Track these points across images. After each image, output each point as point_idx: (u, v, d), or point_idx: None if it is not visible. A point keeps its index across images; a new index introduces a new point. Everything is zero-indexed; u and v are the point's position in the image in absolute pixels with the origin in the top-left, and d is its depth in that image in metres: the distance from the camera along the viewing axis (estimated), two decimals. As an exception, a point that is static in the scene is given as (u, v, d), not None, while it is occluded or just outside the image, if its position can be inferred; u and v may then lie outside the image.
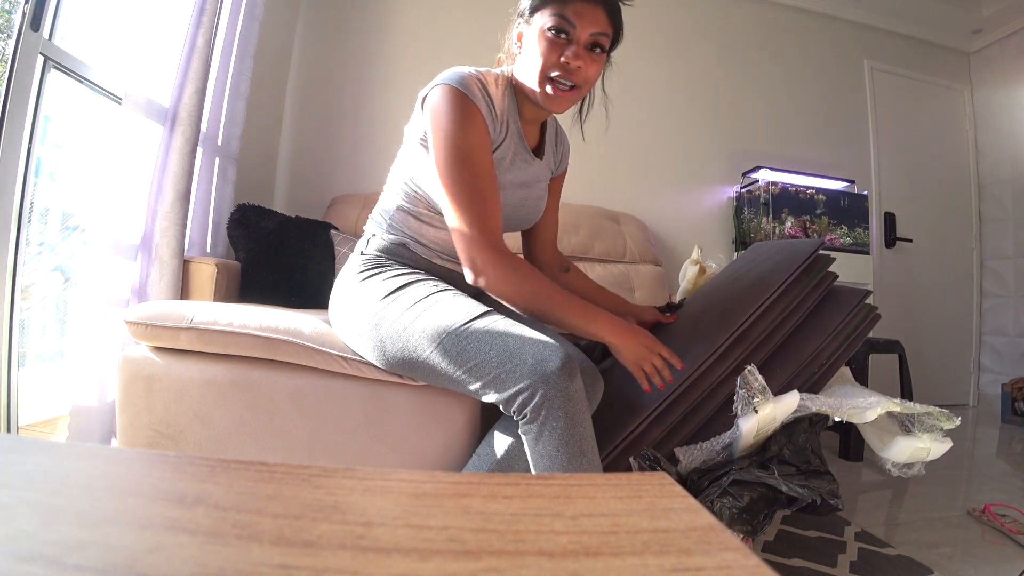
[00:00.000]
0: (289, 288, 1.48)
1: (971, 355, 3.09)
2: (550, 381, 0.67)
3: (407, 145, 0.89)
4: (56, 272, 1.28)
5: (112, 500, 0.21)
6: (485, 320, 0.74)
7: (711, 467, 0.90)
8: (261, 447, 0.91)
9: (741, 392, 0.84)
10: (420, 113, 0.84)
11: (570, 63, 0.77)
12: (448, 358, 0.74)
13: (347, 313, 0.87)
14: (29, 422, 1.15)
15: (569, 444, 0.68)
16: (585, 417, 0.70)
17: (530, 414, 0.69)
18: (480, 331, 0.73)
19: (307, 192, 2.16)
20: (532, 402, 0.68)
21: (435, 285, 0.83)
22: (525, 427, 0.71)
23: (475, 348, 0.72)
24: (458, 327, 0.74)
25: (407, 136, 0.90)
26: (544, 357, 0.69)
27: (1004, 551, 1.10)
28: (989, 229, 3.14)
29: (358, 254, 0.93)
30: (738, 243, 2.61)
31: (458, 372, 0.74)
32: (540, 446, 0.70)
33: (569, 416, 0.68)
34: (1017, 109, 2.99)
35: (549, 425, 0.68)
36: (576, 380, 0.70)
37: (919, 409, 0.91)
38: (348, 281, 0.90)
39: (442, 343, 0.74)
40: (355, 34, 2.27)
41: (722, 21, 2.78)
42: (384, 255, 0.91)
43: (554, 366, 0.68)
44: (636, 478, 0.26)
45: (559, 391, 0.68)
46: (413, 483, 0.24)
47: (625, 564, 0.18)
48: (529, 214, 0.98)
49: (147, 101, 1.23)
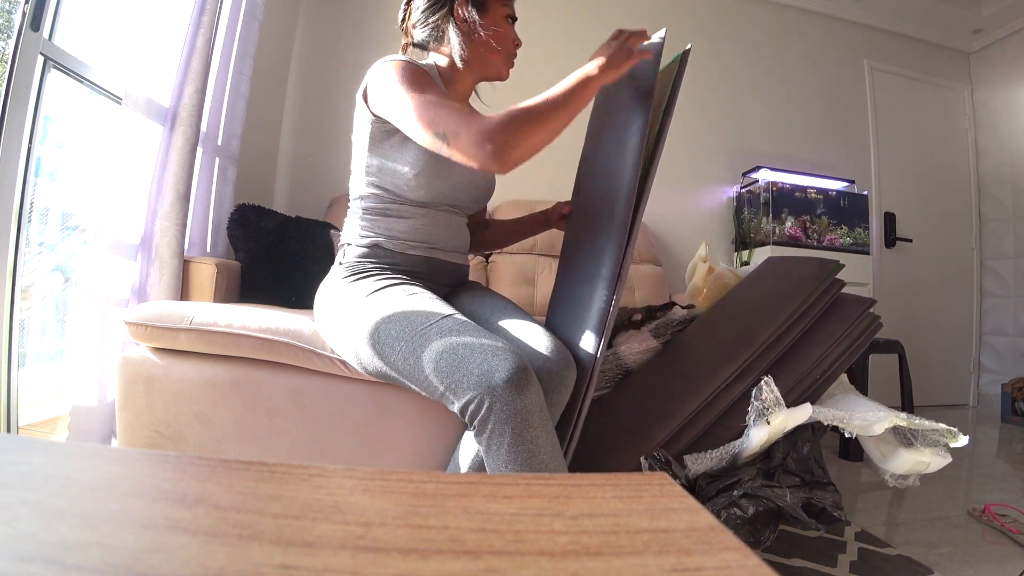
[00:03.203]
0: (289, 288, 1.48)
1: (971, 355, 3.09)
2: (495, 393, 0.65)
3: (357, 145, 0.91)
4: (56, 272, 1.28)
5: (112, 500, 0.21)
6: (441, 327, 0.73)
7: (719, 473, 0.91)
8: (261, 447, 0.91)
9: (755, 403, 0.85)
10: (363, 104, 0.87)
11: (519, 42, 0.96)
12: (408, 366, 0.74)
13: (329, 321, 0.87)
14: (29, 422, 1.15)
15: (516, 461, 0.66)
16: (537, 431, 0.67)
17: (478, 426, 0.67)
18: (434, 339, 0.72)
19: (307, 192, 2.16)
20: (479, 414, 0.66)
21: (404, 290, 0.83)
22: (477, 439, 0.69)
23: (428, 356, 0.71)
24: (414, 335, 0.74)
25: (355, 137, 0.92)
26: (491, 368, 0.66)
27: (1004, 551, 1.10)
28: (989, 229, 3.14)
29: (337, 264, 0.95)
30: (738, 243, 2.61)
31: (417, 382, 0.74)
32: (490, 459, 0.68)
33: (517, 431, 0.65)
34: (1017, 109, 2.99)
35: (495, 440, 0.66)
36: (526, 392, 0.66)
37: (926, 425, 0.92)
38: (329, 290, 0.91)
39: (402, 351, 0.74)
40: (355, 34, 2.27)
41: (722, 21, 2.78)
42: (362, 259, 0.92)
43: (500, 378, 0.65)
44: (636, 478, 0.26)
45: (505, 404, 0.65)
46: (413, 483, 0.24)
47: (625, 564, 0.18)
48: (487, 190, 1.02)
49: (147, 101, 1.23)
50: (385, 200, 0.91)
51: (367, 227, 0.92)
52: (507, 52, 0.94)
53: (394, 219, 0.91)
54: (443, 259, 0.96)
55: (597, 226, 0.88)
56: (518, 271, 2.03)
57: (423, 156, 0.85)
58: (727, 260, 2.67)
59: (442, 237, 0.95)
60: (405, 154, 0.86)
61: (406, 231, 0.91)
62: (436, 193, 0.90)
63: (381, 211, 0.91)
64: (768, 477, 0.89)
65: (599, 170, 0.96)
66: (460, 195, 0.95)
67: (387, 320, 0.77)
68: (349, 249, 0.93)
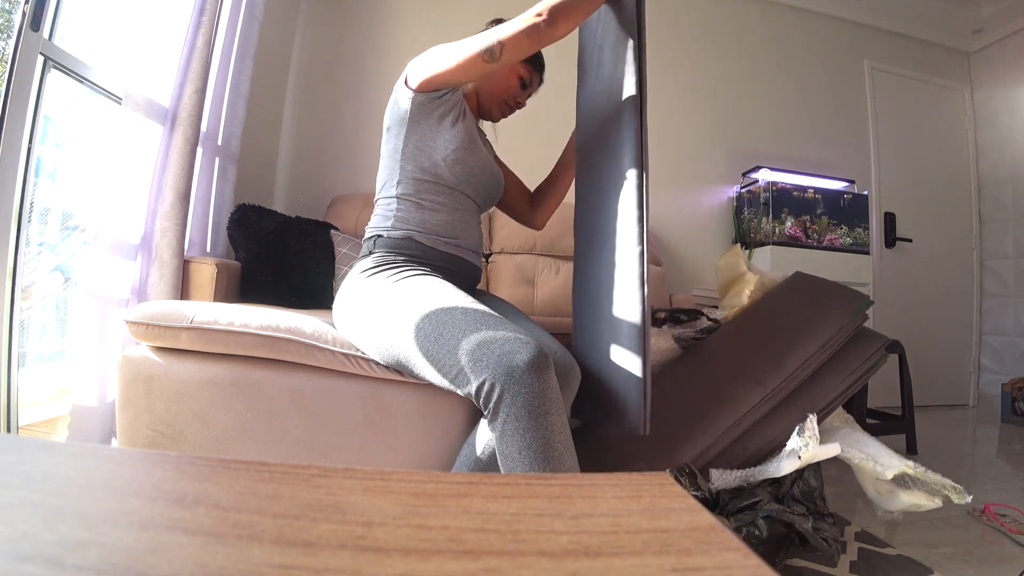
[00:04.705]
0: (289, 288, 1.48)
1: (971, 355, 3.09)
2: (514, 376, 0.65)
3: (393, 133, 0.95)
4: (56, 272, 1.28)
5: (112, 500, 0.21)
6: (465, 310, 0.75)
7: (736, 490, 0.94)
8: (261, 447, 0.91)
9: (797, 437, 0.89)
10: (403, 87, 0.93)
11: (522, 102, 1.10)
12: (427, 345, 0.74)
13: (351, 310, 0.89)
14: (29, 422, 1.14)
15: (532, 447, 0.65)
16: (553, 418, 0.67)
17: (492, 410, 0.67)
18: (458, 320, 0.73)
19: (307, 192, 2.16)
20: (493, 397, 0.66)
21: (432, 279, 0.85)
22: (491, 424, 0.68)
23: (450, 334, 0.72)
24: (437, 314, 0.75)
25: (390, 126, 0.96)
26: (512, 350, 0.67)
27: (1004, 551, 1.10)
28: (989, 229, 3.14)
29: (367, 253, 0.97)
30: (738, 243, 2.61)
31: (435, 361, 0.74)
32: (503, 446, 0.67)
33: (533, 416, 0.65)
34: (1017, 109, 2.99)
35: (511, 424, 0.65)
36: (545, 377, 0.66)
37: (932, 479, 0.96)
38: (354, 279, 0.92)
39: (423, 329, 0.75)
40: (355, 34, 2.27)
41: (722, 21, 2.78)
42: (393, 252, 0.94)
43: (521, 360, 0.65)
44: (636, 478, 0.26)
45: (523, 387, 0.65)
46: (413, 483, 0.24)
47: (625, 564, 0.18)
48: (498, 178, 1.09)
49: (147, 101, 1.23)
50: (420, 187, 0.95)
51: (401, 219, 0.95)
52: (503, 100, 1.06)
53: (428, 211, 0.95)
54: (465, 257, 1.01)
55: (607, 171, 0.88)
56: (518, 271, 2.03)
57: (459, 132, 0.93)
58: (727, 260, 2.67)
59: (465, 233, 1.00)
60: (443, 131, 0.93)
61: (438, 225, 0.96)
62: (468, 171, 0.97)
63: (416, 203, 0.95)
64: (779, 501, 0.91)
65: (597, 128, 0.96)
66: (484, 178, 1.01)
67: (414, 302, 0.79)
68: (380, 240, 0.96)
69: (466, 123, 0.96)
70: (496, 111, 1.08)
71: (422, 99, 0.91)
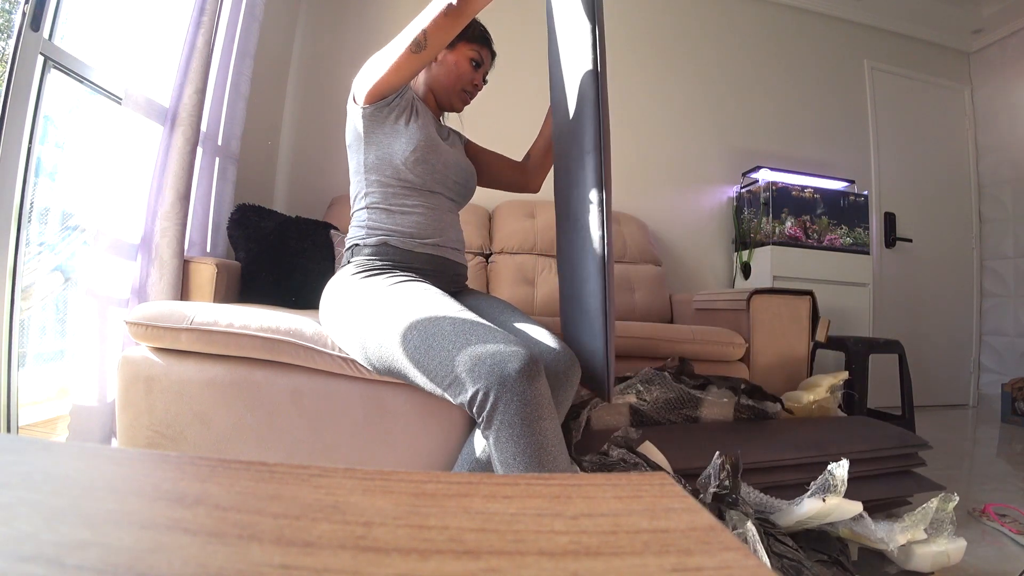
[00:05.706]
0: (289, 288, 1.48)
1: (971, 355, 3.09)
2: (507, 384, 0.65)
3: (353, 149, 0.97)
4: (56, 272, 1.28)
5: (112, 500, 0.21)
6: (454, 320, 0.74)
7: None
8: (261, 447, 0.91)
9: (827, 476, 0.86)
10: (352, 105, 0.95)
11: (479, 84, 1.08)
12: (417, 356, 0.74)
13: (337, 317, 0.88)
14: (29, 422, 1.15)
15: (527, 452, 0.65)
16: (546, 423, 0.67)
17: (486, 418, 0.67)
18: (447, 329, 0.73)
19: (307, 192, 2.16)
20: (488, 405, 0.66)
21: (416, 286, 0.84)
22: (485, 432, 0.69)
23: (440, 345, 0.72)
24: (424, 324, 0.74)
25: (350, 143, 0.98)
26: (503, 359, 0.67)
27: (1004, 551, 1.10)
28: (989, 229, 3.14)
29: (346, 263, 0.97)
30: (738, 243, 2.61)
31: (426, 371, 0.74)
32: (498, 453, 0.67)
33: (527, 422, 0.65)
34: (1017, 109, 2.99)
35: (505, 431, 0.66)
36: (537, 384, 0.67)
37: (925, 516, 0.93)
38: (337, 286, 0.92)
39: (412, 340, 0.74)
40: (355, 34, 2.27)
41: (722, 21, 2.78)
42: (371, 258, 0.94)
43: (513, 368, 0.66)
44: (636, 478, 0.26)
45: (515, 394, 0.65)
46: (413, 483, 0.24)
47: (625, 564, 0.18)
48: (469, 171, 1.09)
49: (147, 101, 1.23)
50: (388, 194, 0.95)
51: (374, 227, 0.96)
52: (460, 88, 1.05)
53: (397, 215, 0.95)
54: (446, 256, 1.00)
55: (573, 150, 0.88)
56: (518, 271, 2.03)
57: (414, 132, 0.93)
58: (726, 260, 2.67)
59: (441, 231, 0.99)
60: (398, 135, 0.93)
61: (411, 227, 0.95)
62: (432, 169, 0.96)
63: (385, 209, 0.95)
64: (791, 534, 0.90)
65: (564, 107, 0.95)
66: (450, 173, 1.00)
67: (400, 311, 0.78)
68: (357, 249, 0.96)
69: (421, 122, 0.96)
70: (457, 101, 1.07)
71: (371, 110, 0.92)
